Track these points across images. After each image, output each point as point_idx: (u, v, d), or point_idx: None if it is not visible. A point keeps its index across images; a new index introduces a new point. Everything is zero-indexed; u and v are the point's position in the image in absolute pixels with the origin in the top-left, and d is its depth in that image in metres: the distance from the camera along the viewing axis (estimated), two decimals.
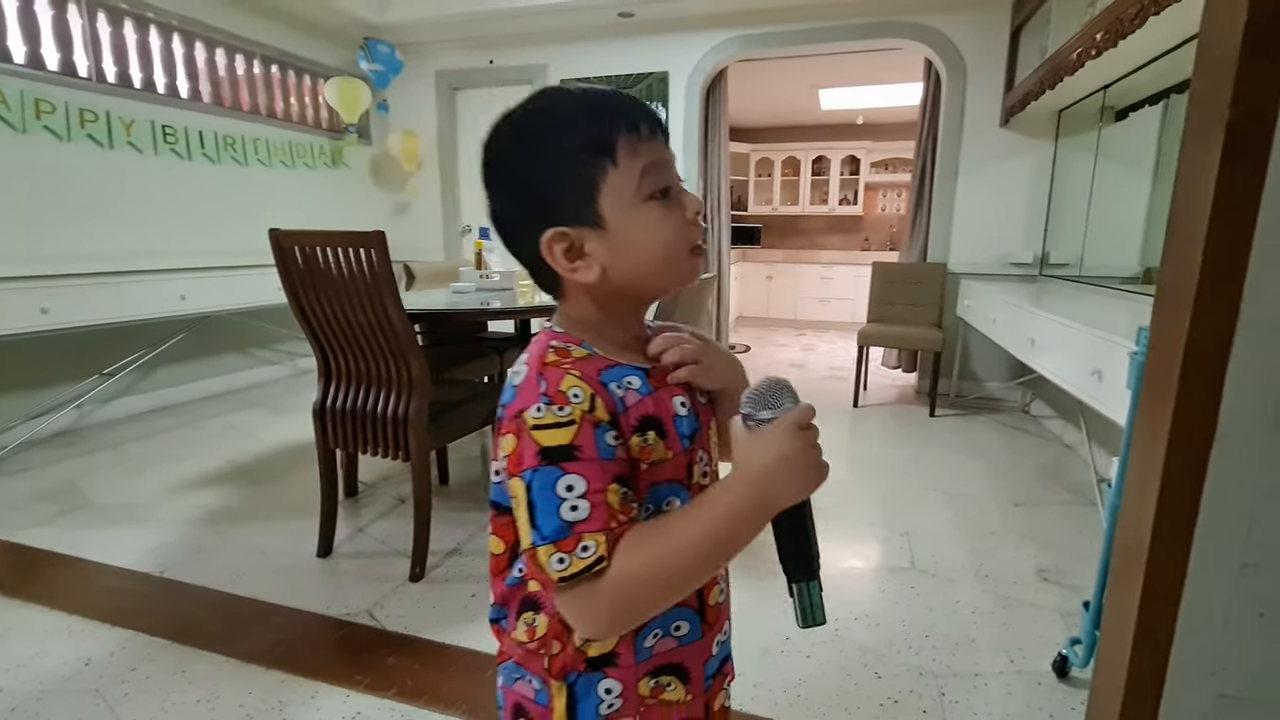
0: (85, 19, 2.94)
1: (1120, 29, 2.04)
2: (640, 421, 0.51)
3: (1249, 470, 0.79)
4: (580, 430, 0.47)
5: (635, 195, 0.50)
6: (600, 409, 0.48)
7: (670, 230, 0.52)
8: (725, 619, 0.61)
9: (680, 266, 0.53)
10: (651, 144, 0.51)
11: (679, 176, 0.55)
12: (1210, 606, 0.83)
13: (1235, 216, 0.75)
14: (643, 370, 0.54)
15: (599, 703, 0.54)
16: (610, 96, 0.52)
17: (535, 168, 0.51)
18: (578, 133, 0.50)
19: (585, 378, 0.49)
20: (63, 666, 1.40)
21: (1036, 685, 1.36)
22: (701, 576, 0.49)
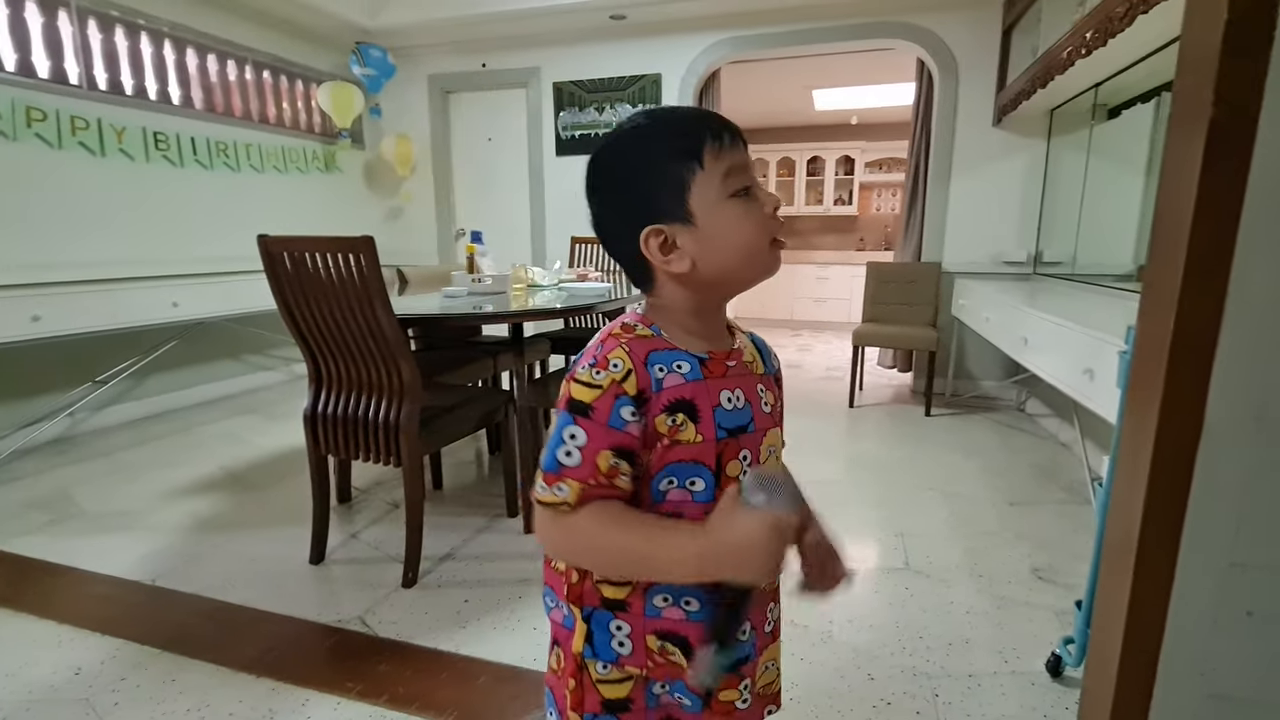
0: (76, 26, 2.94)
1: (1110, 27, 2.04)
2: (672, 403, 0.56)
3: (1235, 469, 0.79)
4: (603, 396, 0.54)
5: (720, 194, 0.57)
6: (631, 383, 0.55)
7: (751, 224, 0.58)
8: (748, 619, 0.63)
9: (762, 257, 0.59)
10: (733, 150, 0.57)
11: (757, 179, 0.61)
12: (1199, 606, 0.83)
13: (1219, 214, 0.75)
14: (698, 358, 0.59)
15: (611, 638, 0.60)
16: (695, 112, 0.59)
17: (634, 174, 0.58)
18: (669, 143, 0.57)
19: (632, 353, 0.56)
20: (52, 676, 1.39)
21: (1030, 685, 1.36)
22: (630, 575, 0.57)
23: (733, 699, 0.63)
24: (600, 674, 0.61)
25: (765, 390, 0.64)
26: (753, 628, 0.64)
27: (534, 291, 2.44)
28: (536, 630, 1.54)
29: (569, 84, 4.18)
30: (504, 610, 1.62)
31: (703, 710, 0.62)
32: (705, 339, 0.61)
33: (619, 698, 0.61)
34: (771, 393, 0.65)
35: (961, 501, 2.29)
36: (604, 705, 0.61)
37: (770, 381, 0.66)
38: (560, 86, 4.20)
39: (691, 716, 0.63)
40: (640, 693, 0.62)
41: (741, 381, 0.61)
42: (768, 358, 0.68)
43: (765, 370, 0.66)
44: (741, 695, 0.64)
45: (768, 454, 0.63)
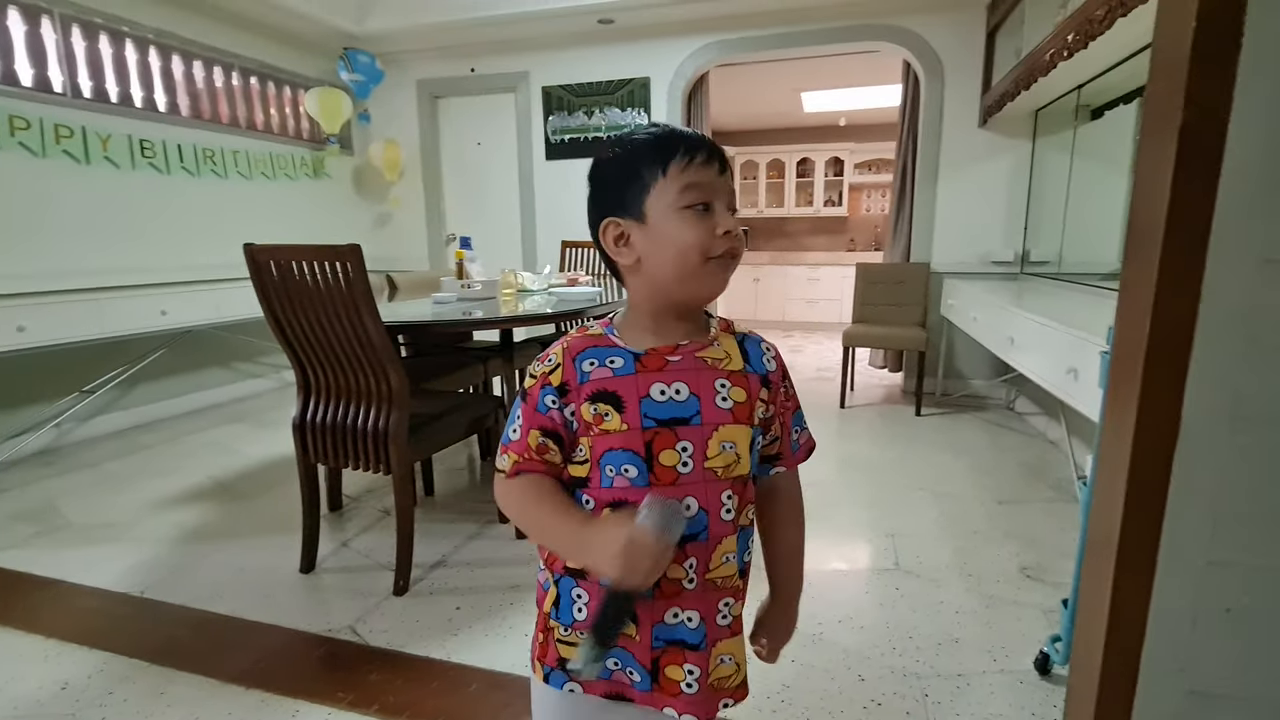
0: (59, 34, 2.92)
1: (1090, 30, 2.06)
2: (595, 393, 0.63)
3: (1212, 468, 0.80)
4: (535, 385, 0.65)
5: (674, 202, 0.62)
6: (557, 376, 0.64)
7: (692, 235, 0.61)
8: (695, 608, 0.65)
9: (695, 268, 0.62)
10: (703, 169, 0.62)
11: (733, 205, 0.65)
12: (1179, 603, 0.84)
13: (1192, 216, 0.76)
14: (634, 354, 0.64)
15: (572, 604, 0.67)
16: (685, 133, 0.64)
17: (610, 170, 0.65)
18: (646, 149, 0.63)
19: (568, 350, 0.65)
20: (38, 691, 1.38)
21: (1019, 684, 1.37)
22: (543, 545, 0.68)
23: (678, 678, 0.65)
24: (562, 634, 0.67)
25: (730, 387, 0.65)
26: (703, 619, 0.66)
27: (524, 296, 2.44)
28: (528, 637, 1.53)
29: (558, 88, 4.18)
30: (496, 617, 1.62)
31: (651, 688, 0.65)
32: (657, 336, 0.66)
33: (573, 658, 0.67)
34: (743, 389, 0.66)
35: (951, 501, 2.31)
36: (559, 662, 0.67)
37: (746, 379, 0.67)
38: (549, 91, 4.20)
39: (640, 693, 0.66)
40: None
41: (685, 375, 0.64)
42: (754, 359, 0.69)
43: (747, 369, 0.67)
44: (686, 679, 0.65)
45: (720, 448, 0.64)
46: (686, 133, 0.64)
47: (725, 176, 0.64)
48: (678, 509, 0.59)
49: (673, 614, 0.65)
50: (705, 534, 0.64)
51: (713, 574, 0.65)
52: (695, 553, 0.64)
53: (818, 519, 2.18)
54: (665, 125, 0.65)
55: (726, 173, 0.65)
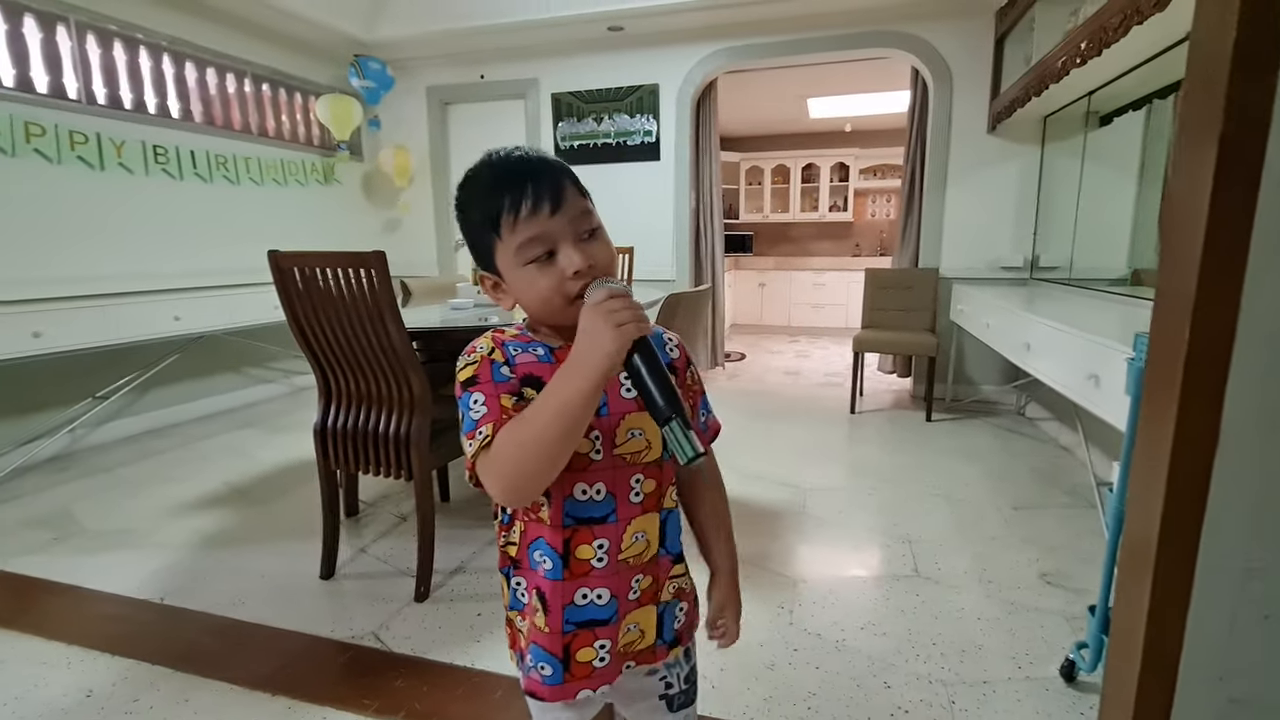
0: (74, 41, 2.94)
1: (1104, 37, 2.07)
2: (524, 377, 0.65)
3: (1252, 475, 0.80)
4: (480, 366, 0.64)
5: (516, 261, 0.63)
6: (498, 354, 0.66)
7: (544, 286, 0.63)
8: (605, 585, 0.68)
9: (558, 313, 0.64)
10: (533, 219, 0.61)
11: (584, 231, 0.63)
12: (1217, 611, 0.84)
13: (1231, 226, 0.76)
14: (550, 347, 0.67)
15: (515, 590, 0.72)
16: (511, 172, 0.63)
17: (465, 226, 0.67)
18: (480, 207, 0.64)
19: (494, 339, 0.67)
20: (63, 699, 1.38)
21: (1045, 691, 1.36)
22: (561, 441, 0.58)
23: (590, 659, 0.68)
24: (519, 624, 0.72)
25: None
26: (613, 595, 0.69)
27: None
28: None
29: (567, 95, 4.20)
30: None
31: (563, 678, 0.68)
32: (558, 337, 0.68)
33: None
34: None
35: (966, 507, 2.30)
36: (520, 653, 0.73)
37: None
38: (558, 97, 4.22)
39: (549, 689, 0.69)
40: (527, 650, 0.71)
41: None
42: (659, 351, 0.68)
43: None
44: (598, 655, 0.69)
45: (627, 435, 0.68)
46: (512, 173, 0.62)
47: (564, 209, 0.62)
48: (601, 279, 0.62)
49: (581, 595, 0.68)
50: (614, 516, 0.68)
51: (625, 554, 0.69)
52: (605, 534, 0.67)
53: (833, 525, 2.18)
54: (498, 161, 0.64)
55: (565, 202, 0.62)
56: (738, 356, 5.47)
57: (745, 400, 3.93)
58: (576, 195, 0.64)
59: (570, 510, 0.66)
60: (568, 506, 0.66)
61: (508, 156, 0.64)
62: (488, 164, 0.65)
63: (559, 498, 0.66)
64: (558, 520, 0.66)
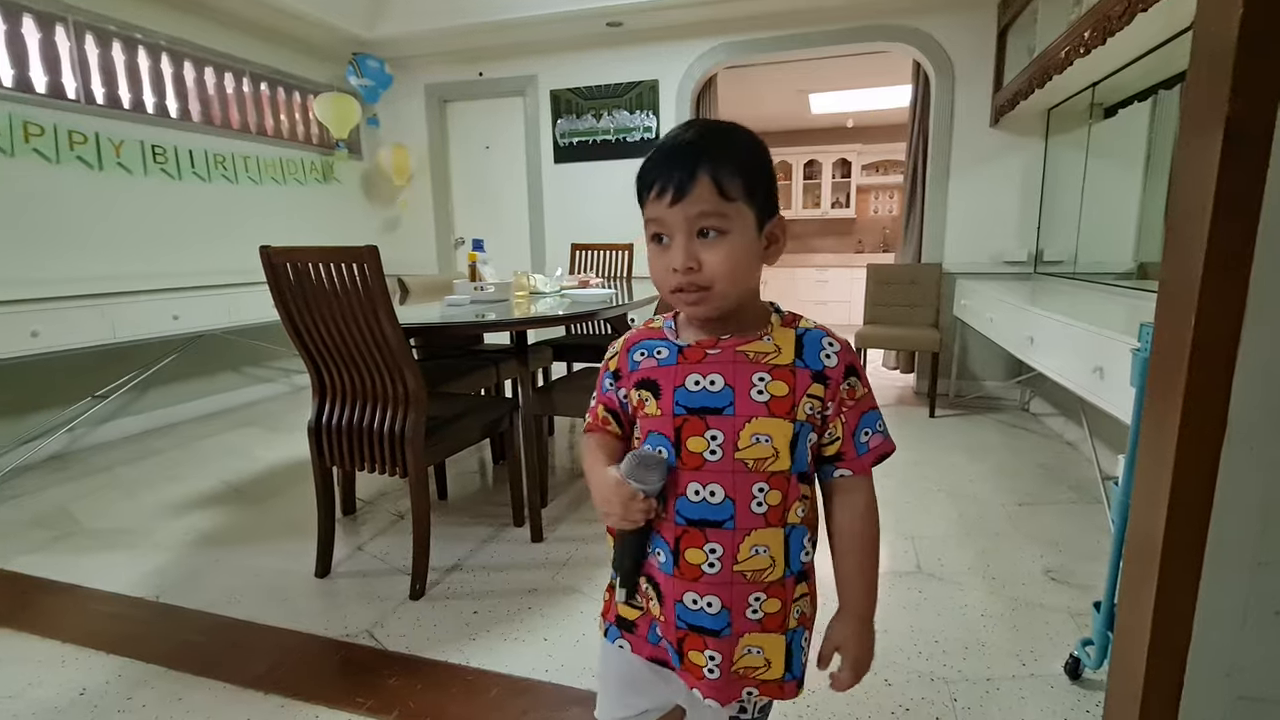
0: (73, 41, 2.94)
1: (1108, 26, 2.04)
2: (639, 381, 0.70)
3: (1261, 467, 0.78)
4: (603, 370, 0.75)
5: (647, 232, 0.67)
6: (614, 363, 0.74)
7: (655, 268, 0.67)
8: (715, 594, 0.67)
9: (664, 294, 0.68)
10: (655, 204, 0.64)
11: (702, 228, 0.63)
12: (1226, 606, 0.81)
13: (1238, 211, 0.74)
14: (677, 346, 0.69)
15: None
16: (660, 154, 0.65)
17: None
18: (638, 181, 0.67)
19: (627, 341, 0.74)
20: (56, 697, 1.37)
21: (1049, 688, 1.34)
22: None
23: (700, 663, 0.68)
24: (620, 598, 0.74)
25: (770, 380, 0.65)
26: (725, 606, 0.67)
27: (536, 299, 2.43)
28: (547, 641, 1.52)
29: (566, 91, 4.18)
30: (514, 621, 1.60)
31: (680, 664, 0.70)
32: (702, 331, 0.69)
33: (629, 619, 0.74)
34: (785, 383, 0.65)
35: (970, 503, 2.28)
36: (618, 620, 0.75)
37: (791, 374, 0.66)
38: (558, 94, 4.20)
39: (675, 668, 0.71)
40: (646, 624, 0.72)
41: (722, 367, 0.66)
42: (810, 354, 0.67)
43: (796, 364, 0.66)
44: (708, 665, 0.68)
45: (751, 440, 0.65)
46: (660, 156, 0.64)
47: (684, 204, 0.62)
48: (649, 458, 0.64)
49: (692, 599, 0.67)
50: (731, 522, 0.65)
51: (741, 565, 0.66)
52: (719, 539, 0.65)
53: None
54: (668, 137, 0.66)
55: (686, 197, 0.61)
56: None
57: None
58: (711, 191, 0.61)
59: (682, 509, 0.66)
60: (679, 505, 0.66)
61: (677, 133, 0.65)
62: (665, 137, 0.67)
63: (672, 494, 0.66)
64: (671, 517, 0.67)
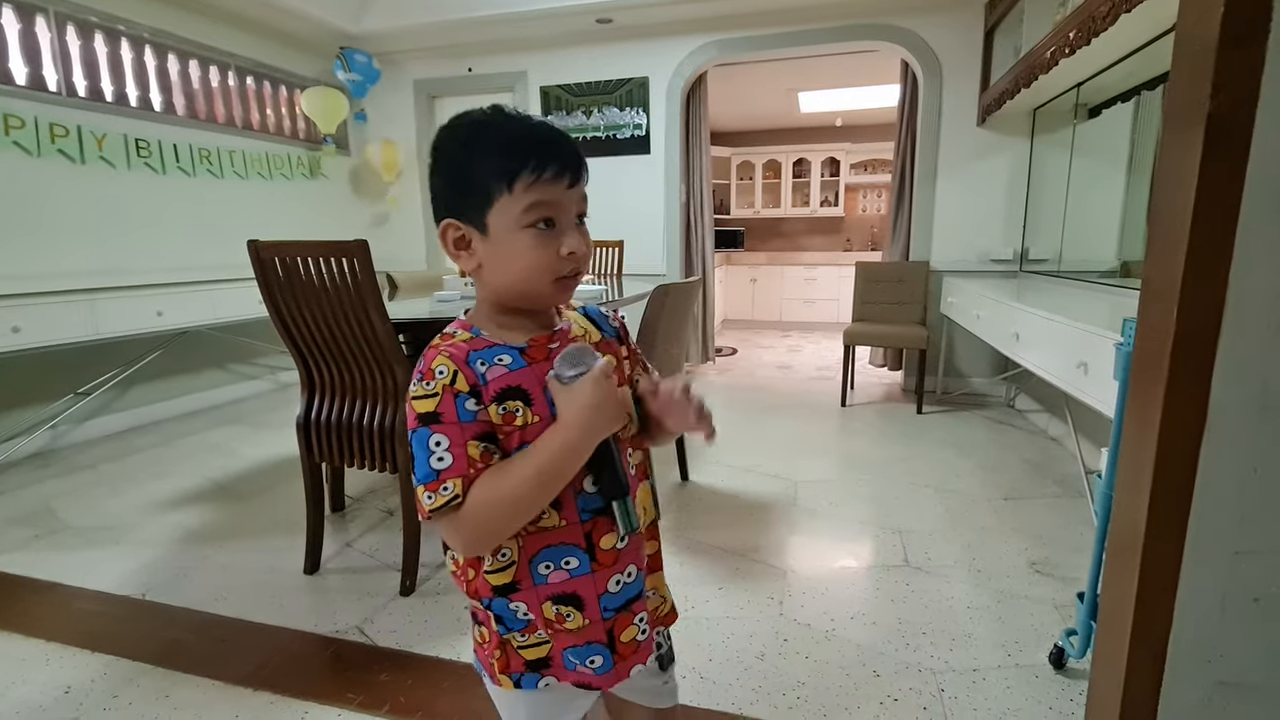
0: (54, 33, 2.89)
1: (1093, 27, 2.07)
2: (500, 392, 0.60)
3: (1239, 457, 0.79)
4: (442, 400, 0.58)
5: (517, 221, 0.59)
6: (461, 382, 0.59)
7: (535, 257, 0.60)
8: (631, 564, 0.68)
9: (537, 288, 0.62)
10: (552, 185, 0.59)
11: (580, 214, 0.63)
12: (1206, 595, 0.83)
13: (1219, 206, 0.76)
14: (517, 349, 0.63)
15: (513, 615, 0.66)
16: (538, 135, 0.60)
17: (458, 167, 0.61)
18: (495, 156, 0.59)
19: (454, 358, 0.60)
20: (40, 695, 1.35)
21: (1034, 678, 1.36)
22: (539, 501, 0.60)
23: (633, 635, 0.68)
24: (520, 641, 0.66)
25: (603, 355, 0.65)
26: (639, 569, 0.69)
27: None
28: None
29: (556, 88, 4.17)
30: None
31: (613, 664, 0.67)
32: (523, 330, 0.65)
33: (540, 657, 0.67)
34: (613, 355, 0.69)
35: (957, 498, 2.30)
36: (527, 665, 0.67)
37: (610, 346, 0.71)
38: (547, 90, 4.19)
39: (603, 678, 0.67)
40: (559, 654, 0.67)
41: None
42: (603, 325, 0.72)
43: (605, 336, 0.71)
44: (639, 629, 0.69)
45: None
46: (541, 137, 0.60)
47: (579, 186, 0.62)
48: (573, 350, 0.61)
49: (615, 581, 0.67)
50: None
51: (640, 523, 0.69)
52: None
53: (824, 517, 2.18)
54: (521, 119, 0.61)
55: (581, 181, 0.62)
56: (729, 351, 5.46)
57: (737, 395, 3.92)
58: (585, 179, 0.64)
59: (583, 504, 0.64)
60: (581, 502, 0.64)
61: (530, 118, 0.61)
62: (507, 116, 0.61)
63: (570, 497, 0.63)
64: (574, 518, 0.64)
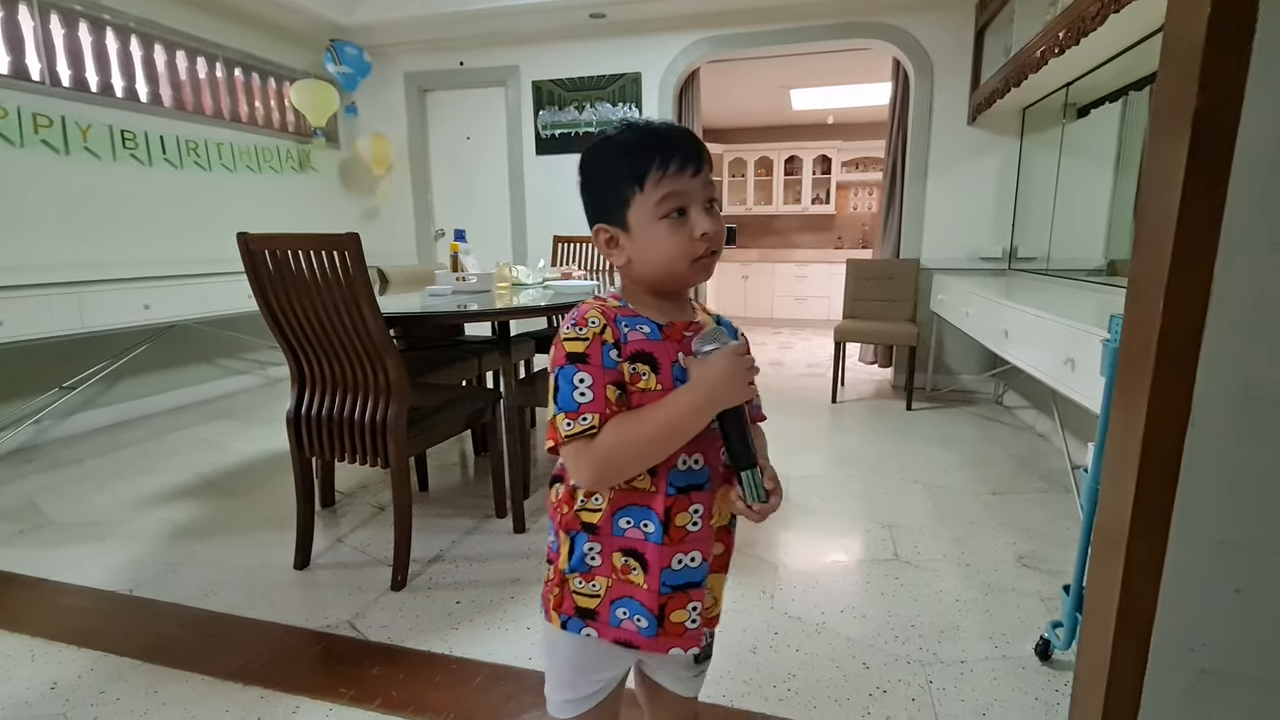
0: (37, 20, 2.84)
1: (1082, 27, 2.09)
2: (635, 354, 0.68)
3: (1222, 450, 0.81)
4: (591, 345, 0.66)
5: (653, 215, 0.67)
6: (609, 334, 0.67)
7: (672, 244, 0.68)
8: (698, 549, 0.72)
9: (679, 271, 0.69)
10: (677, 177, 0.66)
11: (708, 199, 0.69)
12: (1189, 586, 0.85)
13: (1204, 204, 0.77)
14: (657, 324, 0.70)
15: (584, 555, 0.72)
16: (658, 136, 0.68)
17: (596, 180, 0.72)
18: (625, 163, 0.67)
19: (605, 314, 0.69)
20: (26, 691, 1.34)
21: (1020, 669, 1.38)
22: (662, 451, 0.66)
23: (683, 620, 0.72)
24: (577, 586, 0.73)
25: None
26: (704, 559, 0.73)
27: (519, 290, 2.42)
28: (530, 630, 1.53)
29: (548, 82, 4.16)
30: (497, 611, 1.61)
31: (656, 633, 0.71)
32: (663, 313, 0.72)
33: (589, 608, 0.72)
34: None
35: (945, 493, 2.33)
36: (576, 610, 0.73)
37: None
38: (540, 85, 4.17)
39: (646, 639, 0.71)
40: (606, 609, 0.72)
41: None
42: (729, 331, 0.77)
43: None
44: (690, 617, 0.72)
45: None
46: (661, 136, 0.67)
47: (702, 174, 0.68)
48: (708, 333, 0.68)
49: (678, 560, 0.71)
50: (708, 484, 0.72)
51: (715, 520, 0.73)
52: (701, 500, 0.71)
53: (816, 512, 2.19)
54: (643, 126, 0.68)
55: (704, 170, 0.68)
56: None
57: None
58: (709, 170, 0.69)
59: (674, 480, 0.69)
60: (672, 477, 0.69)
61: (652, 123, 0.69)
62: (631, 127, 0.69)
63: (664, 470, 0.69)
64: (663, 489, 0.69)
